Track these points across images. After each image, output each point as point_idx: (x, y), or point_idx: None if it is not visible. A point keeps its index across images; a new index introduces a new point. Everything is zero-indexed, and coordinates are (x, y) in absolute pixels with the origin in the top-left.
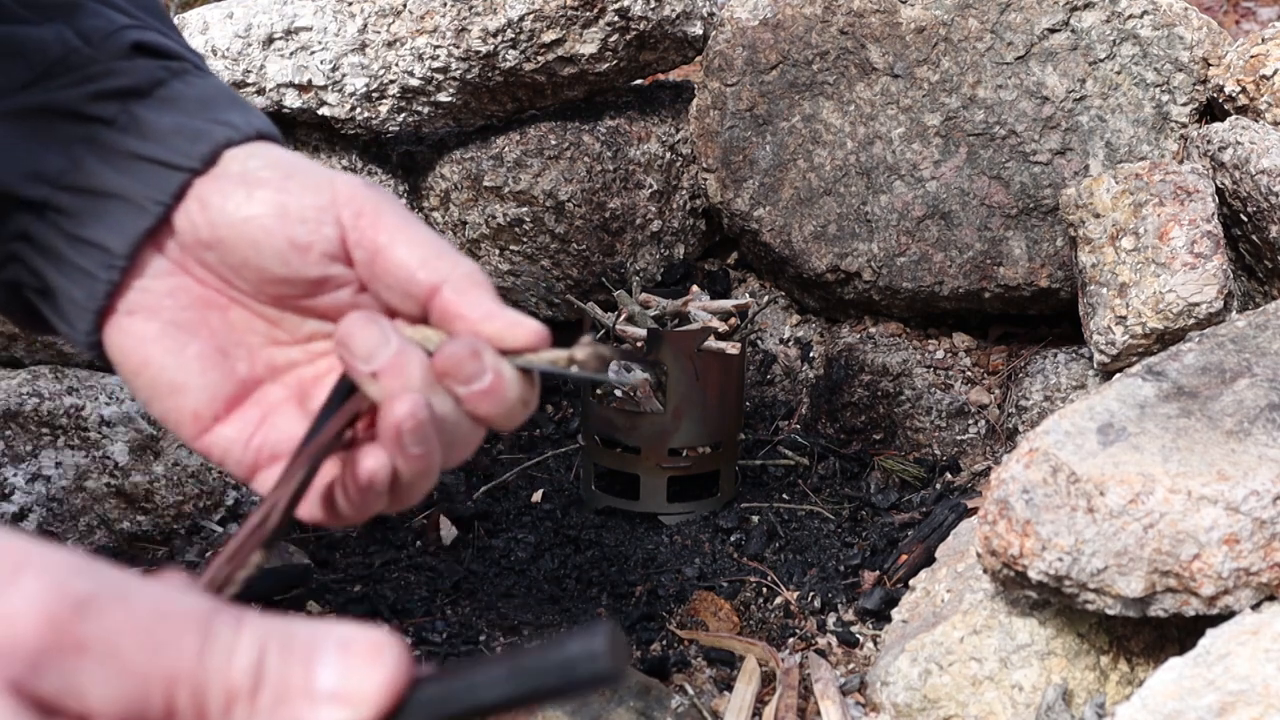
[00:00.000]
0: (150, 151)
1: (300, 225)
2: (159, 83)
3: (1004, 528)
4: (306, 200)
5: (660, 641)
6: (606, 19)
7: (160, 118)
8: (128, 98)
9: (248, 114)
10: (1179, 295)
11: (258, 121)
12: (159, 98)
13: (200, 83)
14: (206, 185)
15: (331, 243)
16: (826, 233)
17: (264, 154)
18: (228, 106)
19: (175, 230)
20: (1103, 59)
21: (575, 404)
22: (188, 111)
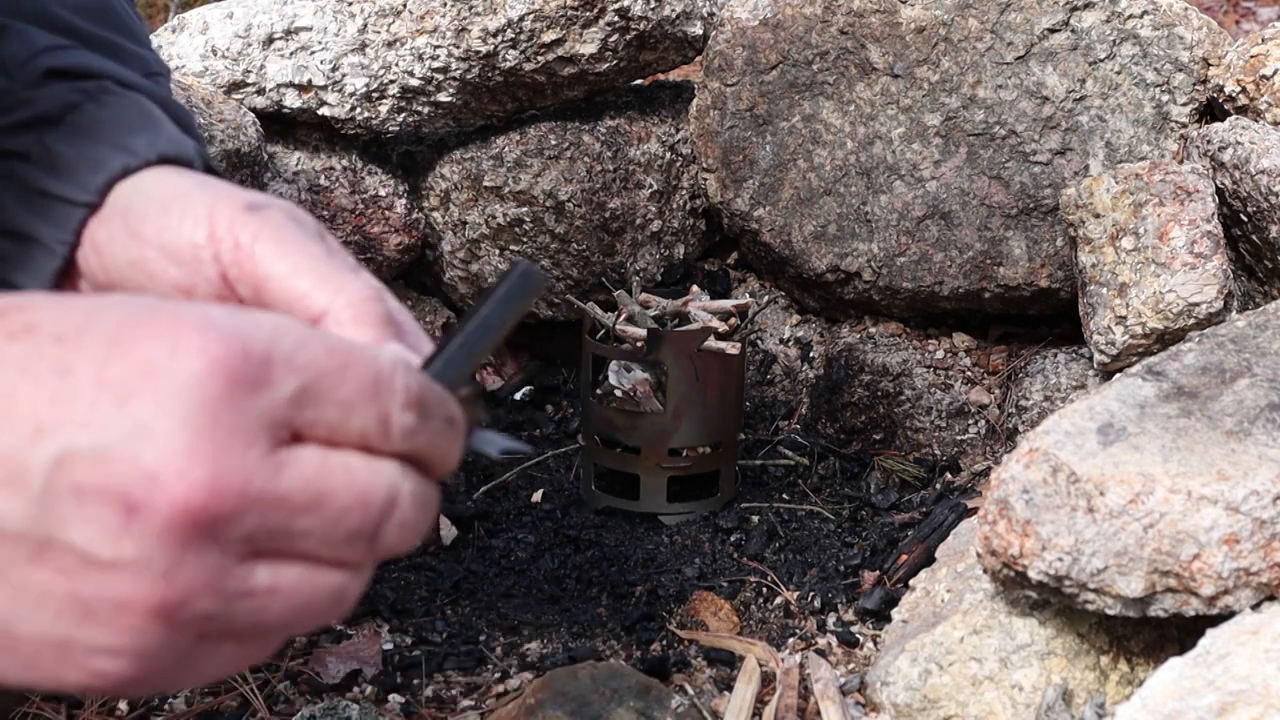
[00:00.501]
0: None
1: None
2: (71, 107)
3: (1004, 528)
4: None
5: (660, 641)
6: (606, 19)
7: (68, 147)
8: (41, 127)
9: (155, 135)
10: (1179, 295)
11: (163, 144)
12: (70, 124)
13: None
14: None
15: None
16: (826, 233)
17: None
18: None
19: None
20: (1103, 59)
21: (575, 404)
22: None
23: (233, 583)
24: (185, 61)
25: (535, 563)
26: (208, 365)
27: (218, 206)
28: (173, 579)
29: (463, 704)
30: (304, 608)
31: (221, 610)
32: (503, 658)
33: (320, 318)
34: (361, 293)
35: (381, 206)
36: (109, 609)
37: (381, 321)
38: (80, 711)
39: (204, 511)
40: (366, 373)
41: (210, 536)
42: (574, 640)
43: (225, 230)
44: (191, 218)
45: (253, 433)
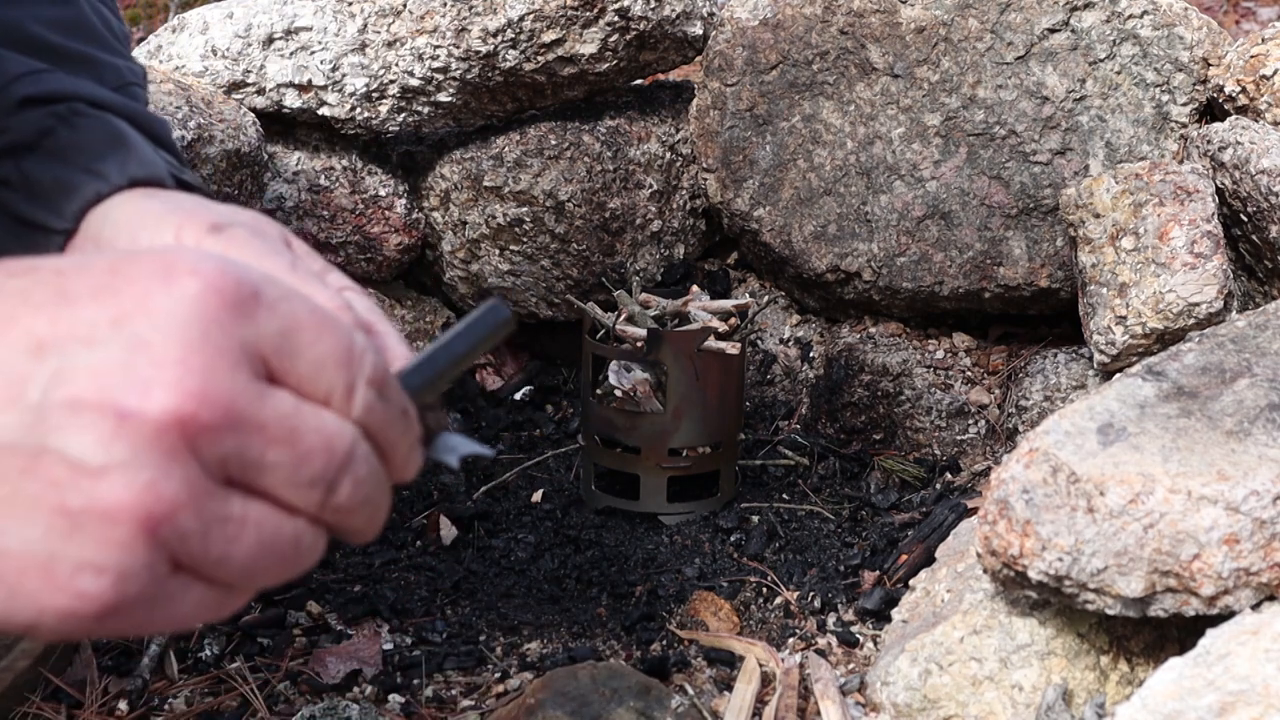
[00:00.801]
0: (33, 214)
1: None
2: (45, 132)
3: (1004, 528)
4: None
5: (660, 641)
6: (606, 19)
7: (44, 173)
8: (19, 154)
9: (125, 158)
10: (1179, 295)
11: (133, 167)
12: (45, 150)
13: (86, 125)
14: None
15: None
16: (826, 233)
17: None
18: (107, 152)
19: None
20: (1103, 59)
21: (575, 404)
22: (68, 161)
23: (211, 504)
24: (185, 61)
25: (535, 563)
26: (202, 287)
27: (184, 229)
28: (158, 489)
29: (463, 704)
30: (267, 547)
31: (198, 532)
32: (503, 658)
33: None
34: (330, 301)
35: (381, 206)
36: (96, 520)
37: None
38: (80, 711)
39: (192, 421)
40: (341, 341)
41: (194, 449)
42: (574, 640)
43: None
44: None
45: (240, 357)
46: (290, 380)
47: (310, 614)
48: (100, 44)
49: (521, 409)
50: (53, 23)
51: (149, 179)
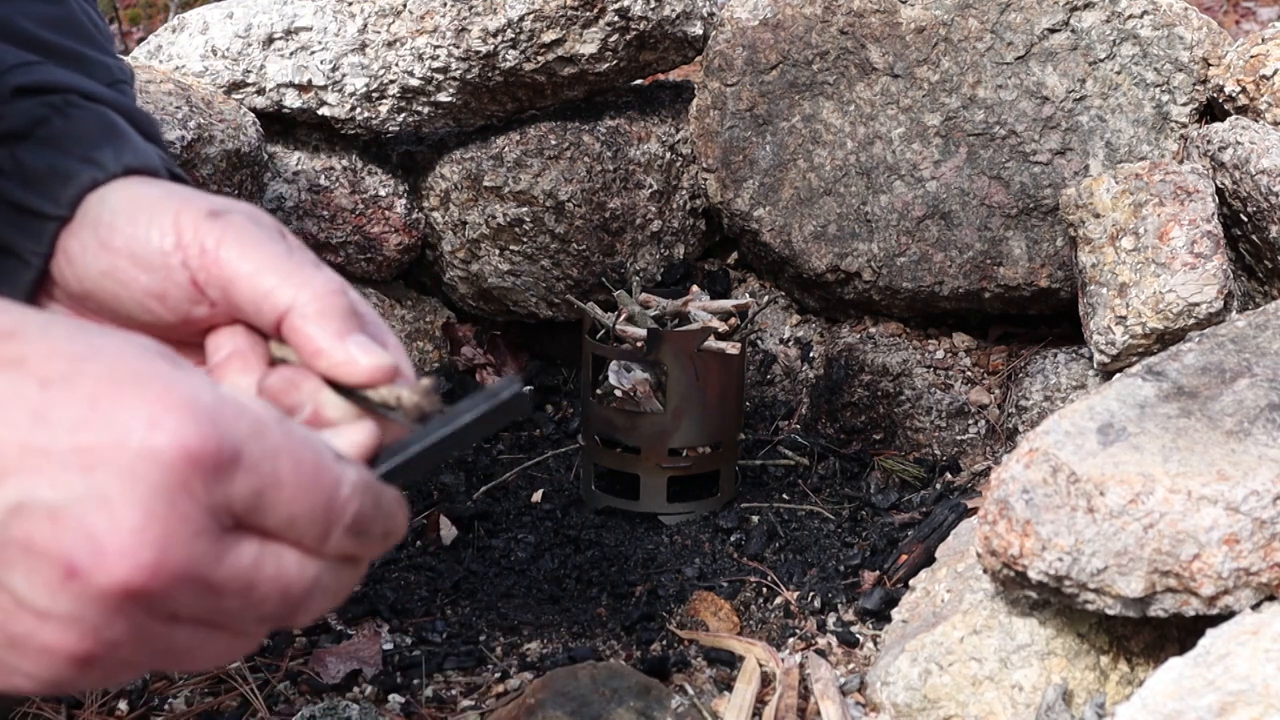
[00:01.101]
0: (27, 200)
1: (149, 275)
2: (39, 121)
3: (1004, 528)
4: (153, 245)
5: (660, 641)
6: (606, 19)
7: (38, 160)
8: (11, 142)
9: (120, 147)
10: (1179, 295)
11: (128, 156)
12: (38, 138)
13: (80, 115)
14: (69, 235)
15: (184, 288)
16: (826, 233)
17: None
18: (101, 141)
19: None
20: (1103, 59)
21: (575, 404)
22: (63, 149)
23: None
24: (185, 61)
25: (535, 563)
26: (179, 452)
27: (182, 214)
28: (98, 636)
29: (463, 704)
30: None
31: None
32: (503, 658)
33: (286, 313)
34: (325, 286)
35: (381, 206)
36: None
37: (345, 314)
38: (80, 712)
39: (141, 590)
40: (321, 497)
41: (139, 609)
42: (574, 640)
43: (191, 236)
44: (158, 227)
45: (203, 521)
46: (258, 530)
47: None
48: (90, 42)
49: None
50: (43, 20)
51: (144, 168)
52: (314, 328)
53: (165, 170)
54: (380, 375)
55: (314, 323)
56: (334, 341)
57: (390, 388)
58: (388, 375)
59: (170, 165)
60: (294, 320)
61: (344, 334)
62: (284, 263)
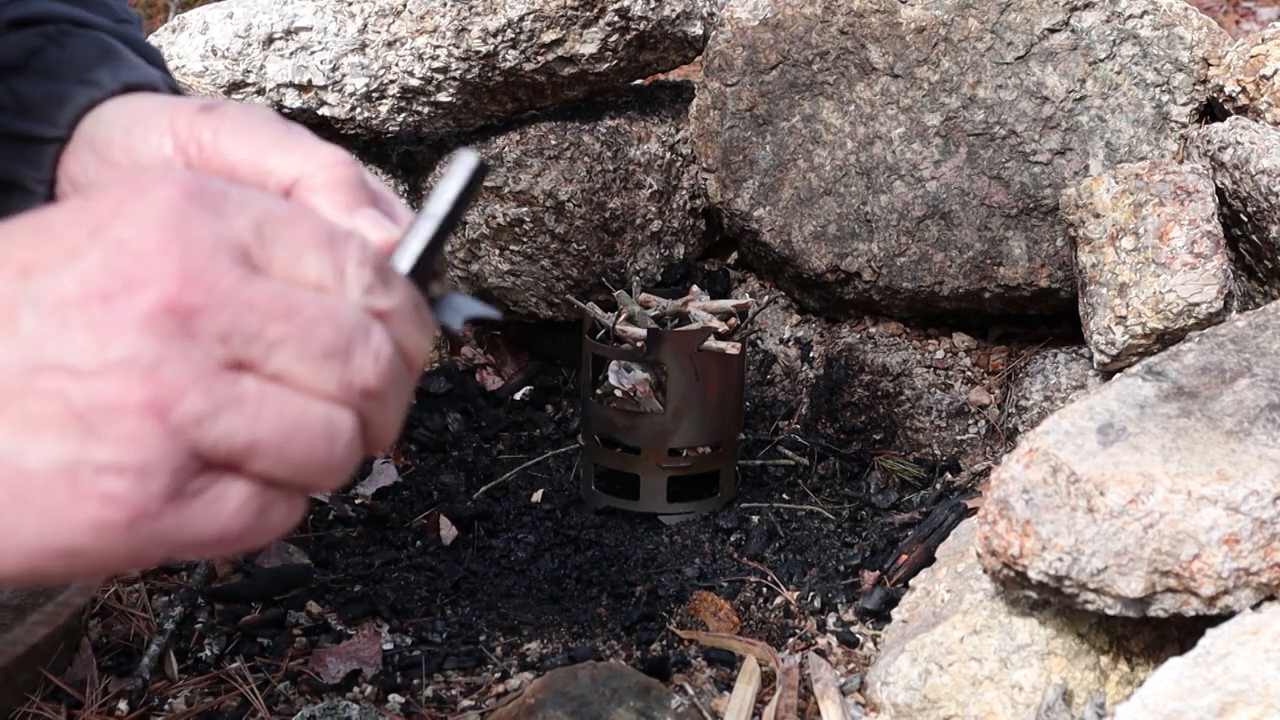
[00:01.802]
0: (27, 128)
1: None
2: (34, 51)
3: (1004, 528)
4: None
5: (660, 641)
6: (606, 19)
7: (34, 89)
8: (7, 75)
9: (116, 66)
10: (1179, 295)
11: (126, 73)
12: (34, 68)
13: (75, 41)
14: (69, 156)
15: None
16: (826, 233)
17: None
18: (97, 63)
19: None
20: (1103, 59)
21: (575, 404)
22: (58, 76)
23: (219, 385)
24: (185, 61)
25: (535, 563)
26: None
27: (176, 116)
28: (158, 374)
29: (463, 704)
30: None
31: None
32: (503, 658)
33: (294, 185)
34: (330, 157)
35: None
36: (105, 417)
37: (354, 184)
38: (80, 711)
39: (178, 303)
40: (319, 225)
41: (187, 331)
42: (574, 640)
43: (188, 135)
44: (155, 132)
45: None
46: (275, 269)
47: (310, 614)
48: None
49: (521, 409)
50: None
51: (142, 83)
52: (321, 199)
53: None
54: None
55: (321, 194)
56: (341, 215)
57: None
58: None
59: (174, 84)
60: (301, 193)
61: (352, 206)
62: (284, 139)
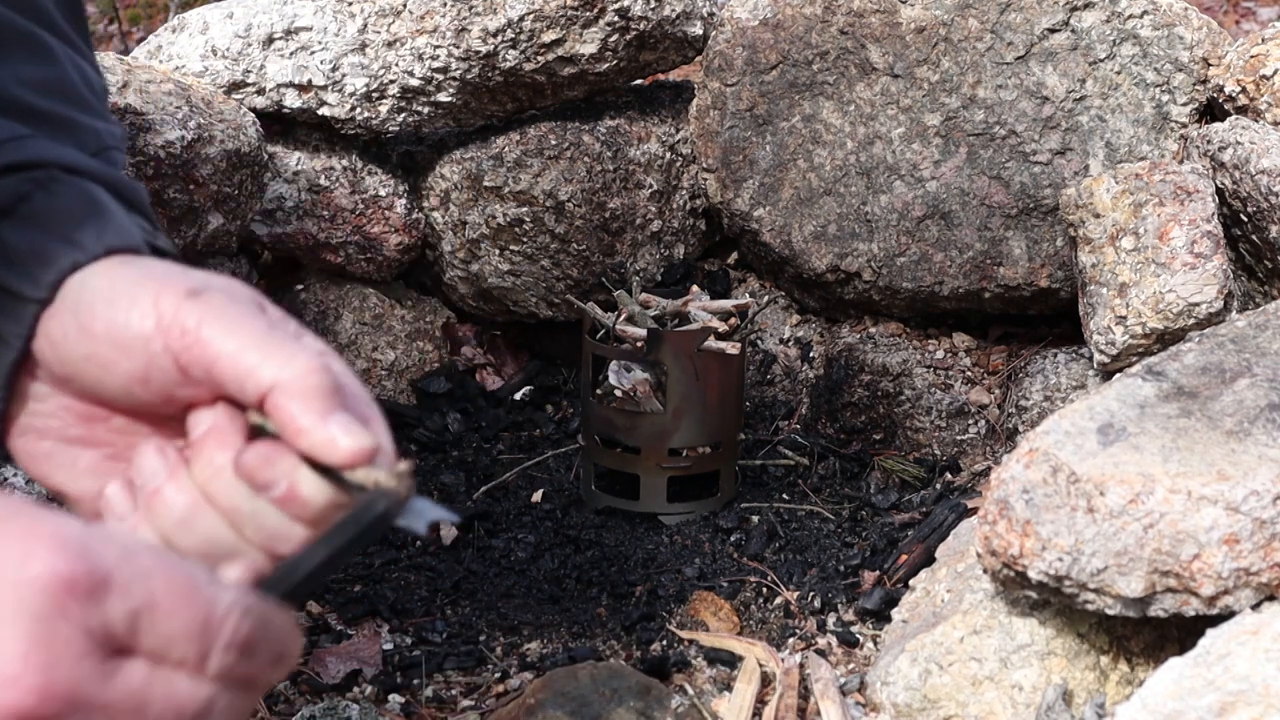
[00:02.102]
0: (8, 281)
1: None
2: (22, 198)
3: (1004, 528)
4: (133, 329)
5: (660, 641)
6: (606, 19)
7: (20, 239)
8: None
9: (102, 227)
10: (1179, 295)
11: (110, 236)
12: (21, 214)
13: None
14: (50, 318)
15: (168, 371)
16: (826, 233)
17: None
18: (83, 221)
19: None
20: (1103, 59)
21: (575, 404)
22: (45, 228)
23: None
24: (185, 61)
25: (535, 563)
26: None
27: (161, 295)
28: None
29: (463, 704)
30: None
31: None
32: (503, 658)
33: (269, 391)
34: (307, 364)
35: (381, 206)
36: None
37: (327, 392)
38: None
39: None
40: (197, 614)
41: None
42: (574, 640)
43: (171, 318)
44: (139, 310)
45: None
46: (142, 651)
47: (310, 614)
48: (82, 106)
49: (521, 409)
50: (35, 84)
51: (125, 247)
52: (296, 406)
53: (147, 246)
54: (359, 457)
55: (296, 401)
56: (316, 421)
57: (368, 470)
58: (366, 457)
59: (154, 239)
60: (277, 398)
61: (326, 413)
62: (265, 339)
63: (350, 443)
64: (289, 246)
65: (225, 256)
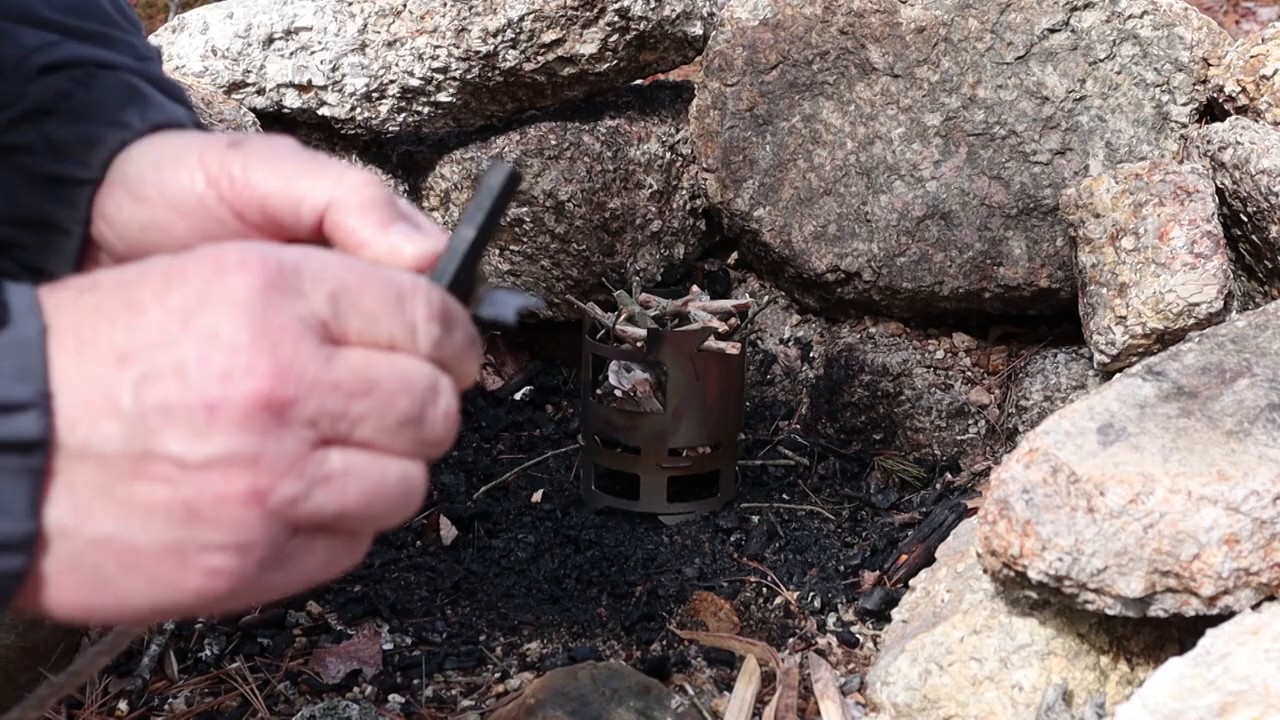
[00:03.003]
0: (61, 170)
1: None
2: (64, 95)
3: (1004, 528)
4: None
5: (660, 641)
6: (606, 19)
7: (66, 132)
8: (38, 118)
9: (144, 106)
10: (1179, 295)
11: (154, 113)
12: (64, 111)
13: (102, 84)
14: (103, 197)
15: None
16: (826, 233)
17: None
18: (125, 104)
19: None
20: (1103, 59)
21: (575, 404)
22: (89, 119)
23: (310, 467)
24: (185, 61)
25: (535, 563)
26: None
27: (205, 152)
28: (257, 466)
29: (463, 704)
30: (377, 491)
31: (305, 494)
32: (503, 658)
33: (326, 209)
34: (359, 178)
35: None
36: (211, 505)
37: (385, 203)
38: (80, 711)
39: (272, 397)
40: (388, 287)
41: (282, 422)
42: (574, 640)
43: (218, 170)
44: (186, 169)
45: (300, 330)
46: (353, 338)
47: (310, 614)
48: (113, 24)
49: (521, 409)
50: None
51: (169, 122)
52: (355, 219)
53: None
54: (425, 260)
55: (354, 215)
56: (377, 232)
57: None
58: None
59: (197, 120)
60: (334, 216)
61: (386, 223)
62: (311, 166)
63: (414, 248)
64: None
65: None
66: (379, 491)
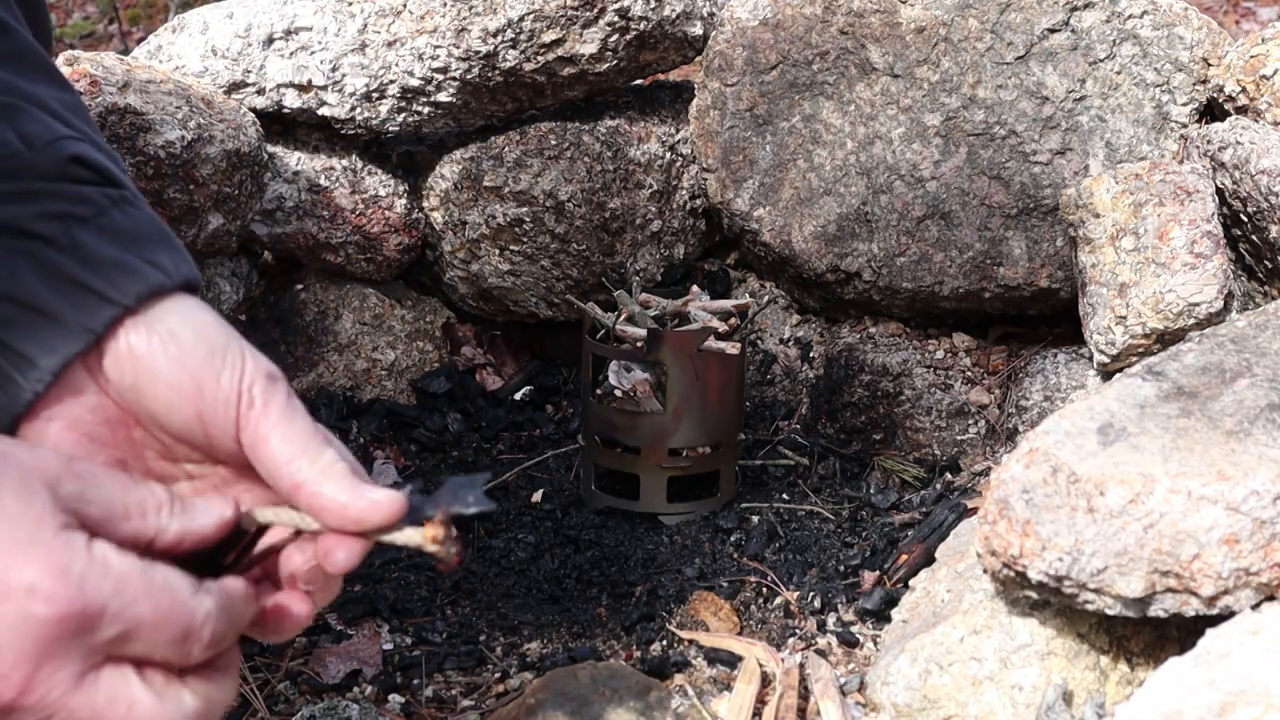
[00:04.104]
0: (88, 279)
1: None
2: (100, 211)
3: (1004, 528)
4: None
5: (660, 641)
6: (606, 19)
7: (101, 247)
8: (69, 220)
9: (176, 257)
10: (1179, 295)
11: (185, 269)
12: (98, 225)
13: (136, 214)
14: (135, 329)
15: (228, 434)
16: (826, 233)
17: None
18: (159, 246)
19: (102, 360)
20: (1103, 59)
21: (575, 404)
22: (124, 245)
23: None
24: (185, 61)
25: (535, 563)
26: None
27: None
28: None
29: (463, 704)
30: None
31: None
32: (503, 658)
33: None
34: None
35: (381, 206)
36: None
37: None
38: None
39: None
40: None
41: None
42: (574, 640)
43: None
44: (232, 371)
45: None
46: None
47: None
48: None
49: (521, 409)
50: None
51: (195, 285)
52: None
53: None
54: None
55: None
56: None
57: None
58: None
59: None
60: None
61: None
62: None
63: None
64: (289, 246)
65: (225, 256)
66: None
